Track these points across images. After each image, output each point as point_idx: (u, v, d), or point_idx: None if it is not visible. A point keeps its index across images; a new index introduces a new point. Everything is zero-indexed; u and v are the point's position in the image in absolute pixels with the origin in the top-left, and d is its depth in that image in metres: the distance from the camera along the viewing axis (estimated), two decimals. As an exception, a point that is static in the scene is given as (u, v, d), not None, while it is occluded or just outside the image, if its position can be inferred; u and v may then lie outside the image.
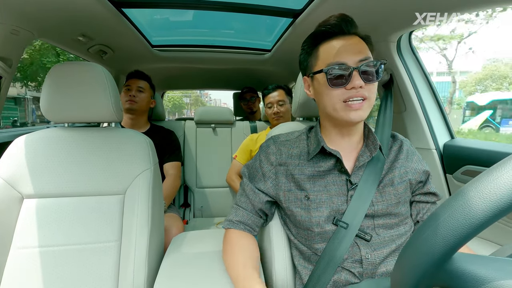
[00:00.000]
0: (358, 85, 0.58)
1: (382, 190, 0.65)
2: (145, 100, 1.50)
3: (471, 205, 0.26)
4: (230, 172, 1.68)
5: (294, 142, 0.73)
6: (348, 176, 0.65)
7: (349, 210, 0.62)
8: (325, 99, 0.63)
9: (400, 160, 0.69)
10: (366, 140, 0.69)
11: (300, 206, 0.65)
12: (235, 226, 0.71)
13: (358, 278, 0.60)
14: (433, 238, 0.27)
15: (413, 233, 0.30)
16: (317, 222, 0.63)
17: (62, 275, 0.75)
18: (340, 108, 0.61)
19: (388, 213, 0.64)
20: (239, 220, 0.71)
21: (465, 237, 0.26)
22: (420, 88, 1.16)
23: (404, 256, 0.32)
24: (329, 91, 0.61)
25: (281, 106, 1.57)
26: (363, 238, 0.62)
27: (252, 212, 0.72)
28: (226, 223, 0.72)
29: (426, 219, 0.30)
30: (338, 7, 0.94)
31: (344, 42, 0.61)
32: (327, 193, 0.64)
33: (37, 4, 0.87)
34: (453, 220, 0.27)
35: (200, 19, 1.48)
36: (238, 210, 0.73)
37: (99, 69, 0.82)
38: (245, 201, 0.72)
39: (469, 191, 0.27)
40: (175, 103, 28.42)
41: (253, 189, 0.71)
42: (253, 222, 0.72)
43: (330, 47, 0.62)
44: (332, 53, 0.61)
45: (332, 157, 0.66)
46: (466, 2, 0.76)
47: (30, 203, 0.79)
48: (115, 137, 0.86)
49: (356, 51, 0.60)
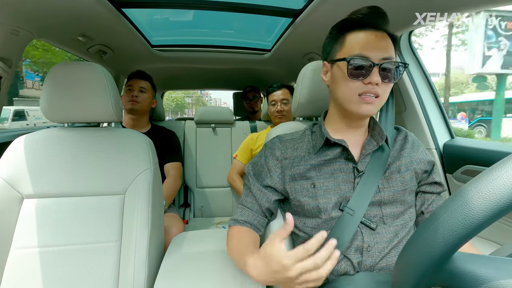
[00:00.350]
0: (375, 82, 0.58)
1: (389, 177, 0.65)
2: (147, 100, 1.50)
3: (470, 205, 0.26)
4: (231, 171, 1.68)
5: (299, 139, 0.73)
6: (355, 164, 0.66)
7: (355, 197, 0.63)
8: (341, 89, 0.63)
9: (406, 149, 0.70)
10: (371, 131, 0.70)
11: (307, 195, 0.65)
12: (241, 224, 0.71)
13: (356, 270, 0.60)
14: (433, 238, 0.27)
15: (414, 233, 0.30)
16: (325, 209, 0.63)
17: (62, 275, 0.75)
18: (354, 100, 0.61)
19: (394, 200, 0.64)
20: (244, 220, 0.71)
21: (465, 236, 0.26)
22: (420, 88, 1.16)
23: (404, 256, 0.32)
24: (347, 82, 0.61)
25: (285, 104, 1.57)
26: (368, 226, 0.62)
27: (258, 212, 0.71)
28: (232, 221, 0.72)
29: (427, 219, 0.30)
30: (338, 7, 0.94)
31: (372, 37, 0.60)
32: (334, 180, 0.65)
33: (37, 4, 0.87)
34: (452, 219, 0.27)
35: (200, 19, 1.48)
36: (244, 210, 0.72)
37: (99, 69, 0.82)
38: (251, 201, 0.72)
39: (469, 191, 0.27)
40: (178, 103, 30.28)
41: (260, 188, 0.71)
42: (259, 223, 0.71)
43: (357, 37, 0.61)
44: (358, 45, 0.60)
45: (337, 147, 0.67)
46: (466, 2, 0.76)
47: (30, 203, 0.79)
48: (115, 137, 0.86)
49: (382, 48, 0.60)
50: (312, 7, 1.02)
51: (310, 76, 0.84)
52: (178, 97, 29.67)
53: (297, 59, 1.67)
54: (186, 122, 1.88)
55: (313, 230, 0.66)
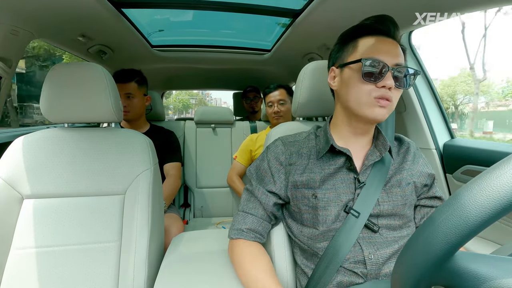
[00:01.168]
0: (389, 85, 0.58)
1: (389, 190, 0.65)
2: (138, 104, 1.40)
3: (470, 205, 0.26)
4: (231, 173, 1.68)
5: (303, 142, 0.72)
6: (356, 175, 0.65)
7: (355, 208, 0.63)
8: (352, 92, 0.62)
9: (408, 162, 0.69)
10: (375, 141, 0.69)
11: (308, 204, 0.65)
12: (245, 236, 0.67)
13: (363, 279, 0.60)
14: (434, 237, 0.27)
15: (414, 232, 0.30)
16: (324, 221, 0.63)
17: (62, 276, 0.75)
18: (367, 103, 0.60)
19: (393, 214, 0.64)
20: (249, 228, 0.67)
21: (467, 235, 0.26)
22: (420, 88, 1.16)
23: (404, 255, 0.32)
24: (359, 84, 0.60)
25: (282, 105, 1.56)
26: (371, 229, 0.62)
27: (263, 217, 0.69)
28: (234, 232, 0.68)
29: (427, 219, 0.30)
30: (338, 8, 0.94)
31: (386, 43, 0.61)
32: (335, 191, 0.64)
33: (37, 4, 0.87)
34: (454, 218, 0.27)
35: (200, 19, 1.48)
36: (247, 217, 0.68)
37: (99, 69, 0.82)
38: (254, 207, 0.69)
39: (472, 189, 0.27)
40: (184, 104, 35.66)
41: (265, 192, 0.69)
42: (263, 229, 0.69)
43: (371, 42, 0.61)
44: (373, 48, 0.60)
45: (341, 155, 0.66)
46: (466, 2, 0.76)
47: (30, 203, 0.79)
48: (115, 137, 0.86)
49: (395, 54, 0.60)
50: (312, 7, 1.02)
51: (310, 76, 0.84)
52: (184, 99, 35.00)
53: (297, 59, 1.67)
54: (186, 122, 1.87)
55: (309, 240, 0.65)
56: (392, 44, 0.61)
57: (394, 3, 0.85)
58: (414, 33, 1.13)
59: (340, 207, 0.63)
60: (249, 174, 0.75)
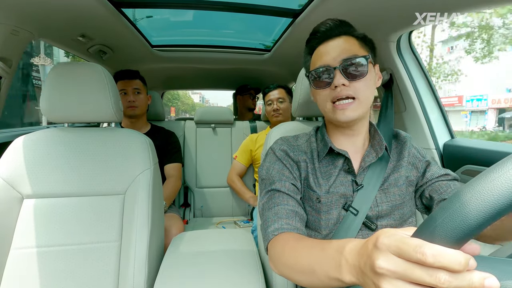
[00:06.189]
0: (340, 83, 0.58)
1: (387, 190, 0.65)
2: (144, 100, 1.47)
3: (470, 205, 0.26)
4: (231, 173, 1.68)
5: (304, 146, 0.71)
6: (354, 177, 0.65)
7: (353, 206, 0.63)
8: (317, 101, 0.66)
9: (405, 158, 0.69)
10: (372, 140, 0.68)
11: (312, 206, 0.65)
12: (284, 229, 0.56)
13: None
14: (431, 239, 0.27)
15: (413, 233, 0.30)
16: (326, 225, 0.63)
17: (62, 275, 0.75)
18: (329, 109, 0.63)
19: (392, 213, 0.64)
20: (284, 222, 0.57)
21: (467, 234, 0.26)
22: (420, 88, 1.16)
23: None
24: (317, 94, 0.64)
25: (281, 103, 1.59)
26: (369, 227, 0.63)
27: (295, 206, 0.61)
28: (271, 232, 0.56)
29: (424, 221, 0.30)
30: (338, 7, 0.94)
31: (330, 44, 0.63)
32: (336, 194, 0.64)
33: (37, 4, 0.87)
34: (451, 221, 0.27)
35: (200, 19, 1.48)
36: (278, 211, 0.59)
37: (99, 69, 0.82)
38: (280, 202, 0.61)
39: (475, 187, 0.27)
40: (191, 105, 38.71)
41: (289, 185, 0.63)
42: (300, 218, 0.60)
43: (317, 53, 0.65)
44: (318, 59, 0.64)
45: (340, 157, 0.66)
46: (466, 2, 0.76)
47: (30, 203, 0.79)
48: (115, 137, 0.86)
49: (338, 51, 0.61)
50: (312, 7, 1.02)
51: None
52: (190, 102, 37.99)
53: (297, 59, 1.67)
54: (186, 122, 1.88)
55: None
56: (337, 42, 0.62)
57: (394, 3, 0.85)
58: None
59: (340, 208, 0.64)
60: (265, 176, 0.67)
